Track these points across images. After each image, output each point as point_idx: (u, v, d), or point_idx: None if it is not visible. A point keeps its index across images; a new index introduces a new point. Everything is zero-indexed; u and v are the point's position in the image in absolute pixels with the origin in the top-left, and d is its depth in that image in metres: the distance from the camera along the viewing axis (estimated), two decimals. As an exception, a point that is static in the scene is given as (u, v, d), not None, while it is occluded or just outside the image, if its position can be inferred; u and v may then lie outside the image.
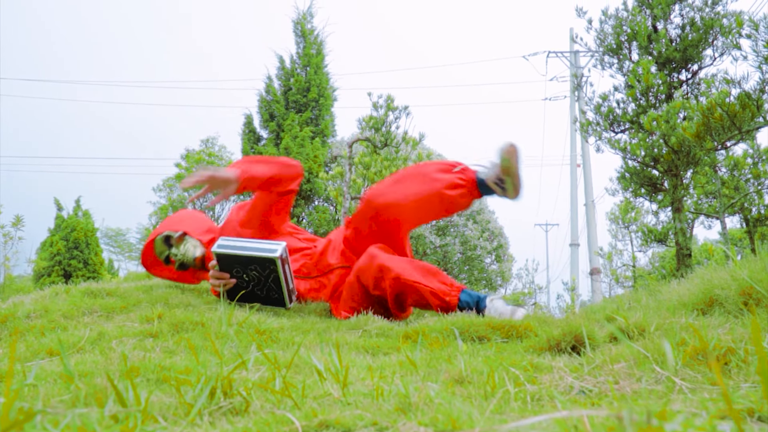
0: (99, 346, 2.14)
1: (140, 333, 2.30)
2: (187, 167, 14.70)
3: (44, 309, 2.84)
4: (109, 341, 2.20)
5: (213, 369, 1.28)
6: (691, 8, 7.15)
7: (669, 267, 14.06)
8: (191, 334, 2.27)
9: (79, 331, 2.39)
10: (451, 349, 2.19)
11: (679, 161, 6.48)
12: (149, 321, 2.54)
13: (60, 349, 1.20)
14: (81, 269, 15.28)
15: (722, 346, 1.82)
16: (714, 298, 3.05)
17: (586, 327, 2.23)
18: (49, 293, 3.32)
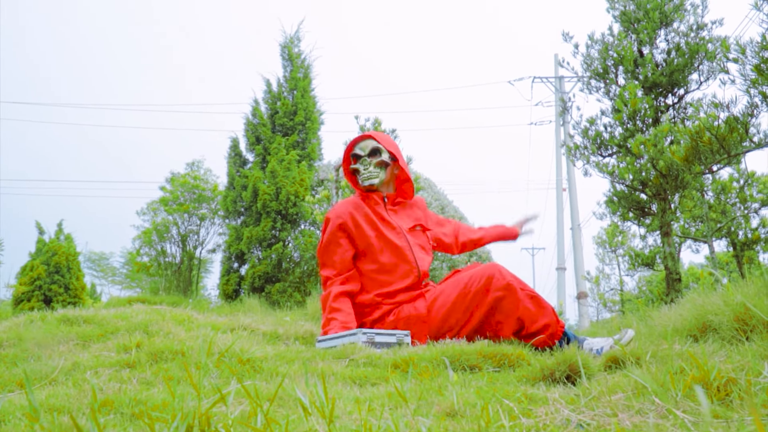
0: (73, 378, 2.05)
1: (117, 363, 2.21)
2: (172, 190, 14.58)
3: (18, 337, 2.74)
4: (84, 372, 2.10)
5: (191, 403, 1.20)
6: (676, 33, 7.20)
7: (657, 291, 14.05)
8: (170, 365, 2.18)
9: (53, 361, 2.30)
10: (441, 379, 2.12)
11: (668, 185, 6.46)
12: (127, 350, 2.44)
13: (26, 382, 1.12)
14: (62, 294, 15.06)
15: (722, 376, 1.76)
16: (707, 324, 2.99)
17: (581, 355, 2.16)
18: (24, 320, 3.21)
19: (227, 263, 12.25)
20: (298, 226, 12.39)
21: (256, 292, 11.20)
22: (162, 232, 14.23)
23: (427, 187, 13.92)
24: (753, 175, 10.10)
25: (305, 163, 12.44)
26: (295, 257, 11.96)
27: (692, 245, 11.49)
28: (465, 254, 13.66)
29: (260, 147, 12.63)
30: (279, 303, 10.57)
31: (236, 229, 12.20)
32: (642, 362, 2.25)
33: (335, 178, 7.04)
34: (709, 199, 10.37)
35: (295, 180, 11.96)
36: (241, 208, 12.38)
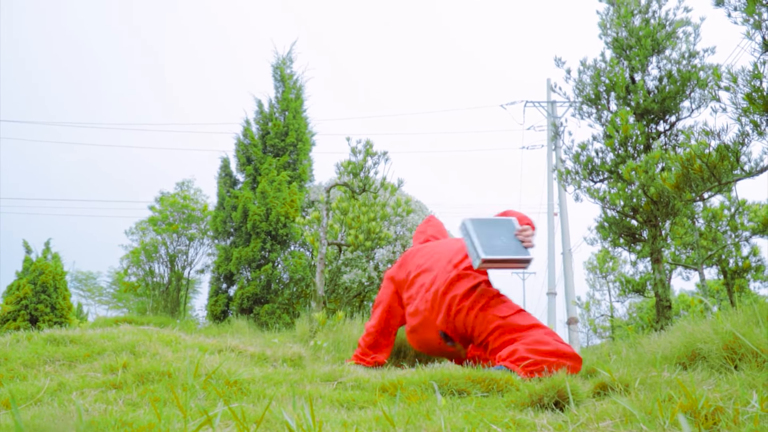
0: (58, 398, 2.04)
1: (103, 384, 2.20)
2: (161, 210, 14.55)
3: (4, 357, 2.72)
4: (70, 392, 2.10)
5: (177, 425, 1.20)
6: (668, 61, 7.28)
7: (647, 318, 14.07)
8: (156, 386, 2.18)
9: (39, 381, 2.29)
10: (429, 403, 2.12)
11: (658, 212, 6.50)
12: (113, 371, 2.44)
13: (12, 402, 1.12)
14: (48, 314, 14.95)
15: (710, 405, 1.77)
16: (696, 352, 3.01)
17: (569, 381, 2.17)
18: (9, 340, 3.20)
19: (216, 284, 12.22)
20: (288, 247, 12.38)
21: (244, 313, 11.16)
22: (150, 252, 14.18)
23: (418, 210, 13.92)
24: (744, 203, 10.18)
25: (296, 184, 12.46)
26: (284, 278, 11.94)
27: (683, 272, 11.53)
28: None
29: (251, 167, 12.65)
30: (267, 324, 10.54)
31: (225, 250, 12.17)
32: (630, 389, 2.26)
33: (326, 199, 7.06)
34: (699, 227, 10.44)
35: (286, 201, 11.98)
36: (230, 228, 12.37)
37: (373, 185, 7.45)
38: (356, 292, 12.25)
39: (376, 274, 12.02)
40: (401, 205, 7.93)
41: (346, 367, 2.92)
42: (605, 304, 20.60)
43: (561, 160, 7.72)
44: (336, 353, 4.41)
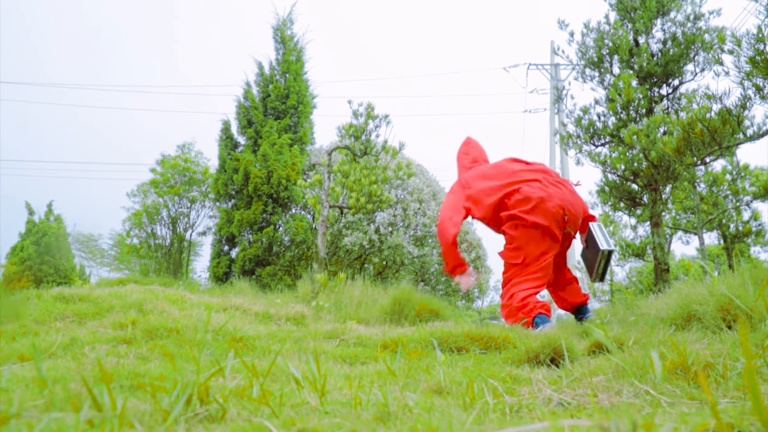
0: (71, 352, 2.12)
1: (113, 339, 2.28)
2: (163, 172, 14.59)
3: (16, 314, 2.80)
4: (82, 347, 2.17)
5: (189, 376, 1.27)
6: (673, 23, 7.25)
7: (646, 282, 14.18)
8: (165, 341, 2.26)
9: (51, 337, 2.36)
10: (429, 359, 2.20)
11: (659, 176, 6.55)
12: (122, 327, 2.51)
13: (33, 353, 1.19)
14: (52, 275, 15.11)
15: (701, 361, 1.84)
16: (692, 314, 3.08)
17: (565, 339, 2.24)
18: (20, 298, 3.28)
19: (218, 246, 12.32)
20: (289, 210, 12.46)
21: (246, 275, 11.28)
22: (152, 214, 14.26)
23: (419, 174, 13.97)
24: (746, 168, 10.21)
25: (297, 147, 12.48)
26: (285, 241, 12.03)
27: (683, 237, 11.61)
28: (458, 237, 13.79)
29: (252, 130, 12.65)
30: (269, 286, 10.66)
31: (227, 212, 12.25)
32: (625, 347, 2.33)
33: (327, 162, 7.10)
34: (701, 191, 10.48)
35: (287, 164, 12.01)
36: (232, 191, 12.42)
37: (375, 148, 7.48)
38: (357, 255, 12.35)
39: (377, 237, 12.11)
40: (402, 168, 7.97)
41: (348, 325, 3.01)
42: (605, 268, 20.68)
43: (563, 124, 7.74)
44: (337, 313, 4.50)
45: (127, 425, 0.96)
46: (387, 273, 13.05)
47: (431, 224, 13.15)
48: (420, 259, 13.19)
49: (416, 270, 13.60)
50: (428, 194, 13.47)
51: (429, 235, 13.35)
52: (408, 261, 12.89)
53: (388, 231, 12.53)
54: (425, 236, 13.34)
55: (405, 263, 12.96)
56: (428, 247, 13.27)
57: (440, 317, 4.76)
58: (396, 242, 12.17)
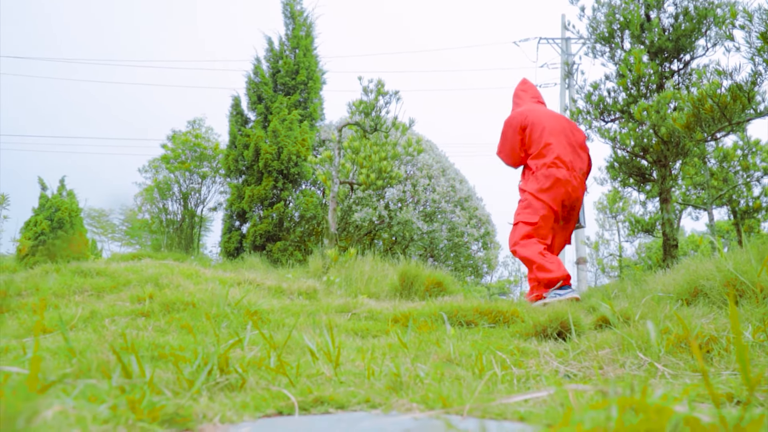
0: (92, 324, 2.18)
1: (132, 312, 2.35)
2: (173, 148, 14.65)
3: (35, 287, 2.88)
4: (102, 320, 2.24)
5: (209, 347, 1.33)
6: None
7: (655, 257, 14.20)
8: (182, 314, 2.32)
9: (71, 310, 2.43)
10: (439, 332, 2.25)
11: (669, 152, 6.55)
12: (140, 300, 2.58)
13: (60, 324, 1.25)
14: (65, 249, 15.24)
15: (705, 335, 1.89)
16: (699, 289, 3.12)
17: (572, 314, 2.29)
18: (39, 272, 3.35)
19: (229, 221, 12.40)
20: (300, 186, 12.50)
21: (257, 250, 11.37)
22: (164, 189, 14.34)
23: (429, 150, 13.98)
24: (757, 144, 10.17)
25: (307, 122, 12.49)
26: (295, 217, 12.10)
27: (692, 212, 11.59)
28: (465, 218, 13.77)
29: (262, 106, 12.67)
30: (280, 261, 10.74)
31: (238, 188, 12.31)
32: (631, 322, 2.37)
33: (338, 138, 7.12)
34: (711, 167, 10.45)
35: (297, 140, 12.04)
36: (242, 167, 12.47)
37: (385, 124, 7.50)
38: (367, 231, 12.42)
39: (387, 212, 12.16)
40: (412, 144, 7.99)
41: (359, 299, 3.06)
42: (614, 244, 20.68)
43: (573, 100, 7.73)
44: (348, 288, 4.56)
45: (156, 392, 1.02)
46: (396, 248, 13.12)
47: (440, 200, 13.19)
48: (429, 234, 13.24)
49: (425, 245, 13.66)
50: (437, 170, 13.48)
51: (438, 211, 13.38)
52: (417, 237, 12.94)
53: (397, 207, 12.58)
54: (434, 212, 13.37)
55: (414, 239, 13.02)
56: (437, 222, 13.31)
57: (449, 292, 4.82)
58: (405, 218, 12.22)
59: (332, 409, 1.08)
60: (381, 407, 1.09)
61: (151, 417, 0.82)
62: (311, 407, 1.09)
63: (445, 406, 1.06)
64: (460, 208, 14.02)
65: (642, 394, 0.57)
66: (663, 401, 0.57)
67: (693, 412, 0.54)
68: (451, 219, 13.56)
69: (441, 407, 1.06)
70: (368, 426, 0.91)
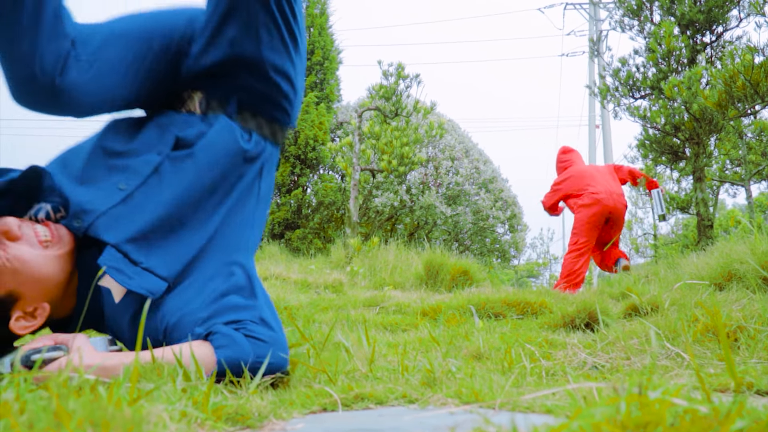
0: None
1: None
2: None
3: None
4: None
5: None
6: (716, -35, 7.21)
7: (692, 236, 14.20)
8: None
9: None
10: (468, 325, 2.39)
11: (701, 129, 6.61)
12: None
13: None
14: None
15: (733, 324, 2.00)
16: (733, 273, 3.22)
17: (600, 304, 2.42)
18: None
19: (245, 210, 12.55)
20: (318, 171, 12.64)
21: (275, 238, 11.55)
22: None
23: (451, 130, 14.06)
24: (796, 115, 10.14)
25: (324, 105, 12.60)
26: (313, 203, 12.26)
27: (729, 189, 11.60)
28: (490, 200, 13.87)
29: (276, 88, 12.77)
30: (300, 250, 10.91)
31: (254, 175, 12.45)
32: (660, 310, 2.49)
33: (357, 124, 7.25)
34: (749, 140, 10.44)
35: (314, 123, 12.16)
36: (257, 152, 12.59)
37: (406, 109, 7.61)
38: (388, 216, 12.56)
39: (408, 197, 12.28)
40: (434, 128, 8.09)
41: (386, 292, 3.21)
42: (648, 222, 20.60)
43: (601, 76, 7.78)
44: (372, 278, 4.70)
45: (215, 392, 1.16)
46: (419, 234, 13.25)
47: (464, 182, 13.29)
48: (453, 218, 13.35)
49: (449, 230, 13.78)
50: (460, 151, 13.58)
51: (462, 194, 13.48)
52: (441, 221, 13.07)
53: (419, 191, 12.69)
54: (458, 195, 13.47)
55: (438, 223, 13.14)
56: (461, 206, 13.42)
57: (476, 280, 4.95)
58: (428, 202, 12.34)
59: (372, 405, 1.22)
60: (418, 402, 1.23)
61: (215, 416, 0.97)
62: (353, 403, 1.23)
63: (478, 400, 1.19)
64: (485, 191, 14.11)
65: (644, 389, 0.70)
66: (665, 395, 0.70)
67: (692, 404, 0.67)
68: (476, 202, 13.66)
69: (474, 401, 1.19)
70: (410, 420, 1.05)
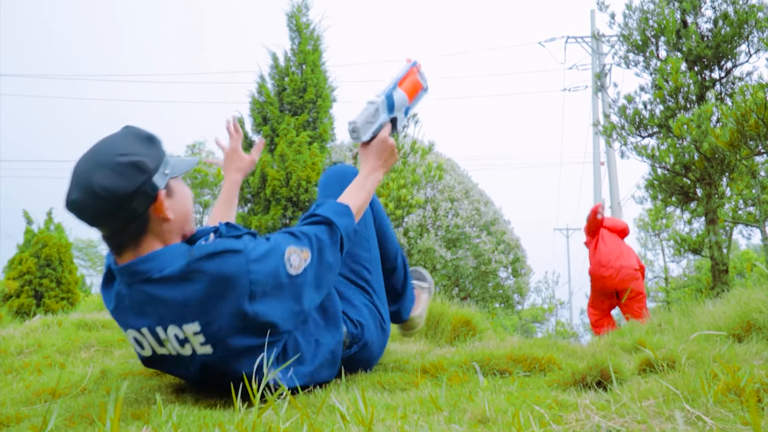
0: (103, 386, 2.28)
1: (145, 370, 2.44)
2: (170, 175, 14.72)
3: (37, 344, 2.98)
4: (114, 380, 2.34)
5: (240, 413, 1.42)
6: (723, 0, 7.29)
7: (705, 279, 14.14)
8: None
9: (78, 369, 2.53)
10: (472, 384, 2.33)
11: (713, 169, 6.61)
12: (152, 356, 2.68)
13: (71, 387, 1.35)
14: (54, 289, 15.35)
15: (755, 382, 1.95)
16: (752, 323, 3.16)
17: (612, 361, 2.36)
18: (39, 325, 3.46)
19: (234, 254, 12.47)
20: (310, 214, 12.58)
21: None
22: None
23: (450, 169, 14.08)
24: (811, 153, 10.16)
25: (317, 144, 12.61)
26: (307, 248, 12.17)
27: (743, 230, 11.59)
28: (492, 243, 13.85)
29: (267, 128, 12.80)
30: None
31: (243, 218, 12.43)
32: (677, 366, 2.43)
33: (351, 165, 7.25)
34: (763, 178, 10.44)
35: (307, 164, 12.15)
36: (248, 194, 12.59)
37: (403, 149, 7.61)
38: (385, 261, 12.47)
39: (406, 240, 12.24)
40: (432, 169, 8.09)
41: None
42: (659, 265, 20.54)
43: (606, 115, 7.81)
44: (369, 329, 4.63)
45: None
46: (418, 279, 13.10)
47: (464, 224, 13.27)
48: (453, 263, 13.30)
49: (449, 275, 13.71)
50: (460, 192, 13.58)
51: (463, 237, 13.45)
52: (440, 265, 13.01)
53: (417, 233, 12.66)
54: (458, 238, 13.44)
55: (437, 268, 13.08)
56: (461, 249, 13.37)
57: (479, 331, 4.89)
58: (426, 246, 12.29)
59: (370, 482, 1.17)
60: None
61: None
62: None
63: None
64: (486, 233, 14.08)
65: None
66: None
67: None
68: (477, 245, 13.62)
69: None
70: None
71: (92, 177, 1.84)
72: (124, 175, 1.85)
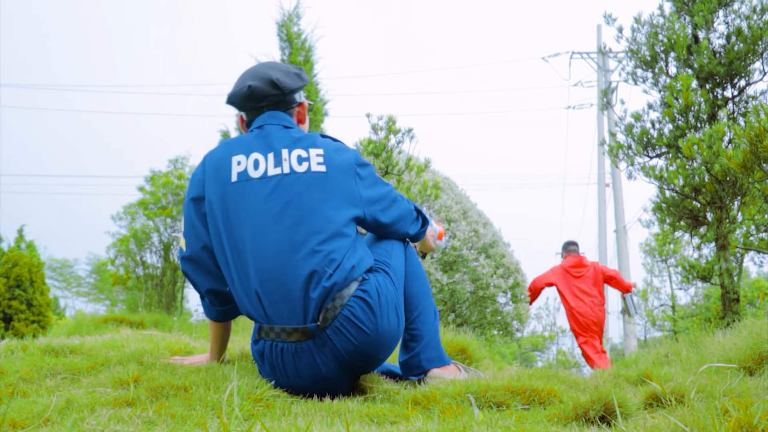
0: (69, 417, 2.22)
1: (114, 400, 2.39)
2: (153, 191, 14.67)
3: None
4: (80, 411, 2.28)
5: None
6: (737, 15, 7.30)
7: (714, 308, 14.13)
8: (173, 401, 2.37)
9: (43, 398, 2.47)
10: (466, 418, 2.28)
11: (724, 192, 6.61)
12: (123, 385, 2.63)
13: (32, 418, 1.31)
14: (23, 311, 15.21)
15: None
16: (764, 356, 3.14)
17: (617, 394, 2.33)
18: (3, 350, 3.40)
19: (217, 276, 12.41)
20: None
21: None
22: (141, 239, 14.36)
23: (447, 189, 14.05)
24: (827, 177, 10.18)
25: (307, 160, 12.56)
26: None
27: (755, 257, 11.58)
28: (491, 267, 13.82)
29: (255, 142, 12.77)
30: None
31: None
32: (686, 400, 2.40)
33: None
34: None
35: (296, 180, 12.11)
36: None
37: (397, 166, 7.59)
38: (377, 284, 12.41)
39: (400, 263, 12.15)
40: (428, 187, 8.07)
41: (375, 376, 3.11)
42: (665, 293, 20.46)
43: (612, 134, 7.82)
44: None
45: None
46: (412, 304, 13.02)
47: (462, 247, 13.21)
48: (450, 287, 13.23)
49: (445, 299, 13.64)
50: (458, 212, 13.54)
51: (460, 260, 13.40)
52: (436, 290, 12.94)
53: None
54: (455, 261, 13.38)
55: (433, 292, 13.01)
56: (458, 273, 13.30)
57: (475, 359, 4.85)
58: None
59: None
60: None
61: None
62: None
63: None
64: (485, 256, 14.01)
65: None
66: None
67: None
68: (475, 268, 13.56)
69: None
70: None
71: (269, 72, 2.83)
72: (291, 77, 2.87)
